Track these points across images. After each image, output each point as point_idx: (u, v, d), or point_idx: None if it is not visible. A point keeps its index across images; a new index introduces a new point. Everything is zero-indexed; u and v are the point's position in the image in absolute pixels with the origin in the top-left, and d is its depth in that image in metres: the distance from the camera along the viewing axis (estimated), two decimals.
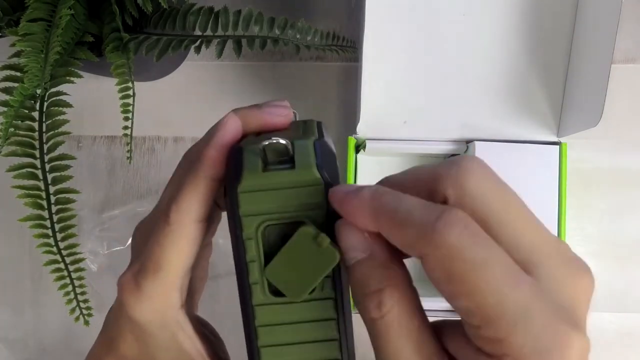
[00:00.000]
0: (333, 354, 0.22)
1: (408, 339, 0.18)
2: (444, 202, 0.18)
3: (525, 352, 0.16)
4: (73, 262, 0.40)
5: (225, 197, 0.22)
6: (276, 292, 0.22)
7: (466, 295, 0.17)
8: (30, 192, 0.38)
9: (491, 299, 0.16)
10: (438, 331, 0.19)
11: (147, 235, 0.24)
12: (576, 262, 0.18)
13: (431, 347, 0.18)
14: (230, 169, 0.22)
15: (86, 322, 0.42)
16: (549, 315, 0.16)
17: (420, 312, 0.19)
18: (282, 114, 0.24)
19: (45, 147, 0.38)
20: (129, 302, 0.23)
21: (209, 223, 0.24)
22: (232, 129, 0.23)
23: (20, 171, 0.37)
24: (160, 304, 0.23)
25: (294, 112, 0.23)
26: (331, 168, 0.21)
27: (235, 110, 0.24)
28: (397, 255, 0.20)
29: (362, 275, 0.19)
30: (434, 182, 0.19)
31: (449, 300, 0.17)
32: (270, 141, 0.20)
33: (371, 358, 0.20)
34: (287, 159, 0.21)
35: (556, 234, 0.47)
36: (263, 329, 0.22)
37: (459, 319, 0.18)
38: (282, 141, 0.20)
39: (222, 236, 0.35)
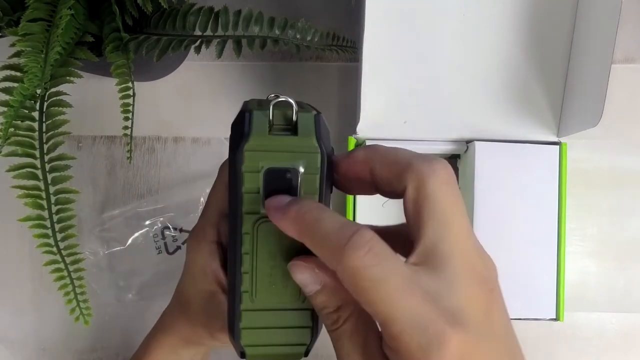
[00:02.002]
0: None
1: (355, 344, 0.23)
2: (404, 190, 0.22)
3: (412, 348, 0.20)
4: (73, 262, 0.40)
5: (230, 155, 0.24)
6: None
7: (368, 305, 0.21)
8: (30, 192, 0.38)
9: (384, 308, 0.20)
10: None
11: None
12: (481, 275, 0.22)
13: (374, 349, 0.22)
14: (239, 128, 0.24)
15: (86, 322, 0.42)
16: (434, 318, 0.20)
17: (367, 321, 0.23)
18: None
19: (45, 147, 0.38)
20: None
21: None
22: None
23: (20, 171, 0.37)
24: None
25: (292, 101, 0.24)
26: (327, 140, 0.24)
27: None
28: None
29: (320, 302, 0.23)
30: (404, 170, 0.23)
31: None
32: (279, 100, 0.23)
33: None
34: (290, 127, 0.23)
35: (556, 234, 0.47)
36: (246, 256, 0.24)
37: None
38: (290, 100, 0.23)
39: None
